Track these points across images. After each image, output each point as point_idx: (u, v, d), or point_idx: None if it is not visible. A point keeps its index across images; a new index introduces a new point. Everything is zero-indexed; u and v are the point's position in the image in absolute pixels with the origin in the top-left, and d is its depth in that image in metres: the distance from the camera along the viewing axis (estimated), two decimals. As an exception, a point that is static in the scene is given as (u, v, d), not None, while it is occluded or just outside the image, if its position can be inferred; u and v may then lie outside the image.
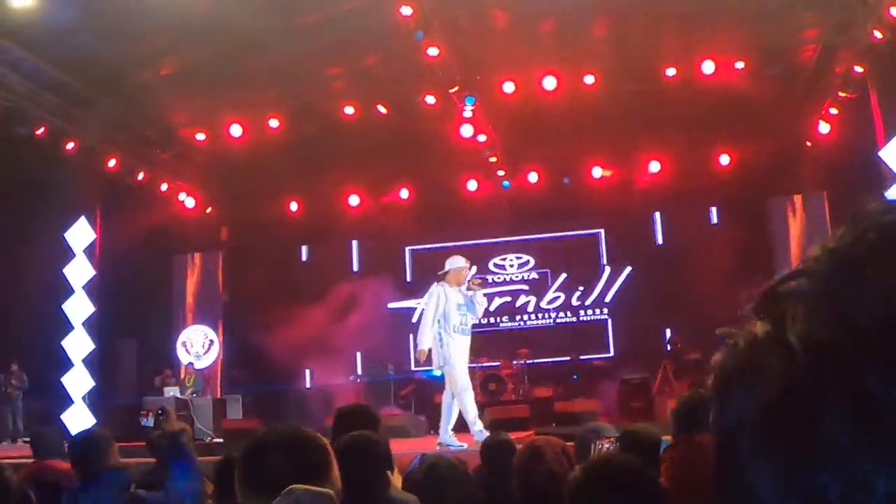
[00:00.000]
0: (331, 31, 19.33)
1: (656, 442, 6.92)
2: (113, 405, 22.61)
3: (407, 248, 27.03)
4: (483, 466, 7.49)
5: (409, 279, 26.93)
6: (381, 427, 6.50)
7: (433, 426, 22.03)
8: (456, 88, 20.88)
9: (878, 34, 18.07)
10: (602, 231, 26.30)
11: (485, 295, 15.39)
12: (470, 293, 14.71)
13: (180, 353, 25.70)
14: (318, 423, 21.15)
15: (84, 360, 22.30)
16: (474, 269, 15.47)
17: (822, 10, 19.29)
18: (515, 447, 7.06)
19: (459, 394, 14.82)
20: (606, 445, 7.35)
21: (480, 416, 16.85)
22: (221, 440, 18.33)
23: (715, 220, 25.42)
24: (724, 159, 24.08)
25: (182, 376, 24.04)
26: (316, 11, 18.95)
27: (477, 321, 15.33)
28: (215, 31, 19.02)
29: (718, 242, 24.51)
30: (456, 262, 15.04)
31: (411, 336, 24.81)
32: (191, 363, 24.92)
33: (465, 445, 14.12)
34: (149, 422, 7.50)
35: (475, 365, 22.29)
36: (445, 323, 14.75)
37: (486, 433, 13.77)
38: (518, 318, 25.59)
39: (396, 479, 5.91)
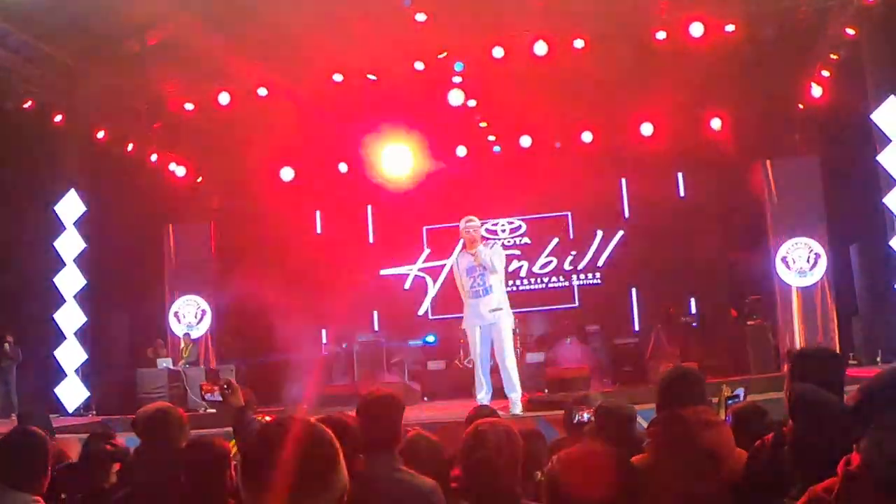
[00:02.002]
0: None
1: (631, 416, 6.91)
2: (107, 379, 22.62)
3: (409, 219, 26.87)
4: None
5: (408, 247, 26.94)
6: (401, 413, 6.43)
7: (426, 393, 22.12)
8: (445, 54, 20.80)
9: (870, -4, 18.01)
10: (589, 199, 26.18)
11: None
12: (473, 252, 14.57)
13: (173, 323, 25.67)
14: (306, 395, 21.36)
15: (76, 333, 22.28)
16: (479, 224, 15.12)
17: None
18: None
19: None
20: (586, 415, 7.34)
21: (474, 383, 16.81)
22: (214, 411, 18.25)
23: (706, 184, 25.26)
24: (716, 123, 23.97)
25: (180, 346, 24.07)
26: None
27: (502, 277, 15.01)
28: (201, 1, 18.96)
29: (709, 207, 24.52)
30: (461, 224, 14.92)
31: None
32: (187, 333, 24.92)
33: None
34: (215, 396, 7.43)
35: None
36: (463, 288, 14.76)
37: (481, 401, 13.79)
38: (511, 283, 25.53)
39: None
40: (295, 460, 3.12)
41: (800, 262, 22.81)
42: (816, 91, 22.33)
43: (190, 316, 25.80)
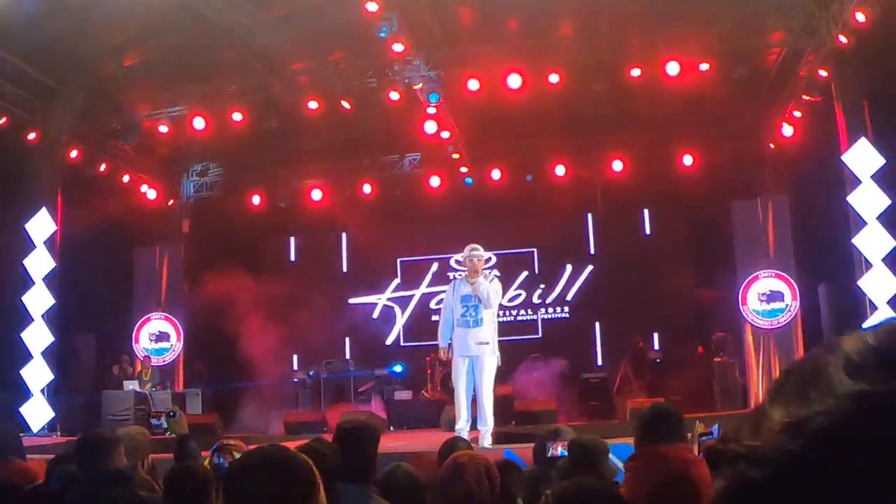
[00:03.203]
0: (296, 26, 19.39)
1: (604, 450, 6.95)
2: (73, 401, 22.49)
3: (378, 249, 26.91)
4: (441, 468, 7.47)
5: (378, 277, 27.01)
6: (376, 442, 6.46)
7: (392, 422, 22.12)
8: (420, 85, 20.88)
9: (843, 39, 18.14)
10: (588, 221, 26.35)
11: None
12: (472, 283, 14.55)
13: (137, 346, 25.58)
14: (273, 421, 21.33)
15: (43, 353, 22.14)
16: (485, 256, 15.09)
17: (788, 14, 19.38)
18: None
19: None
20: (560, 449, 7.38)
21: (440, 414, 16.82)
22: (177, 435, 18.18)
23: (675, 221, 25.43)
24: (688, 160, 24.15)
25: (138, 369, 23.94)
26: (282, 5, 18.96)
27: (495, 312, 15.00)
28: (180, 24, 19.02)
29: (677, 243, 24.68)
30: (464, 251, 14.90)
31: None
32: (147, 356, 24.82)
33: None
34: (161, 422, 7.47)
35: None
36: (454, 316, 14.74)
37: (459, 431, 13.84)
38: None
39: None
40: (272, 489, 3.16)
41: (767, 301, 22.94)
42: (787, 131, 22.51)
43: (156, 338, 25.73)
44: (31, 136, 21.70)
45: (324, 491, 3.31)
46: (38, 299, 22.16)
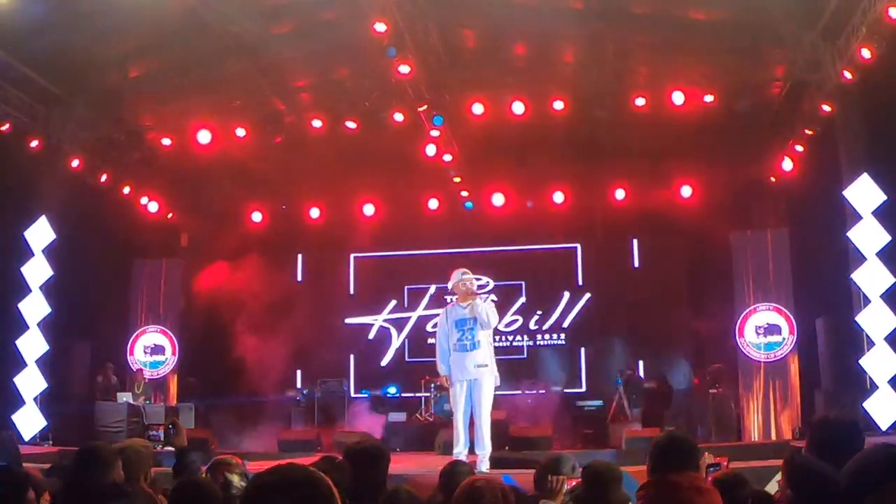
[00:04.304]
0: (304, 42, 19.41)
1: (618, 478, 6.93)
2: (65, 410, 22.40)
3: (375, 269, 27.02)
4: (440, 492, 7.44)
5: (374, 297, 26.99)
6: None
7: (386, 444, 22.03)
8: (425, 107, 20.89)
9: (847, 75, 18.17)
10: (575, 248, 26.38)
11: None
12: (468, 305, 14.51)
13: (132, 358, 25.52)
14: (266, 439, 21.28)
15: (37, 361, 22.05)
16: (471, 277, 15.05)
17: (793, 48, 19.40)
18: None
19: None
20: (564, 481, 7.35)
21: (435, 437, 16.78)
22: (171, 449, 18.14)
23: (673, 251, 25.44)
24: (687, 191, 24.19)
25: (136, 380, 23.88)
26: (290, 21, 18.97)
27: (491, 334, 14.93)
28: (187, 37, 19.03)
29: (675, 274, 24.68)
30: (454, 277, 14.87)
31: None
32: (140, 369, 24.75)
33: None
34: (158, 435, 7.45)
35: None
36: (448, 342, 14.67)
37: (458, 455, 13.82)
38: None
39: None
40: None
41: (765, 334, 22.94)
42: (788, 165, 22.55)
43: (151, 351, 25.67)
44: (34, 143, 21.63)
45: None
46: (35, 307, 22.08)
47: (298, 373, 25.62)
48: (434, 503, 7.27)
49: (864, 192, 19.09)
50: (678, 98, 20.35)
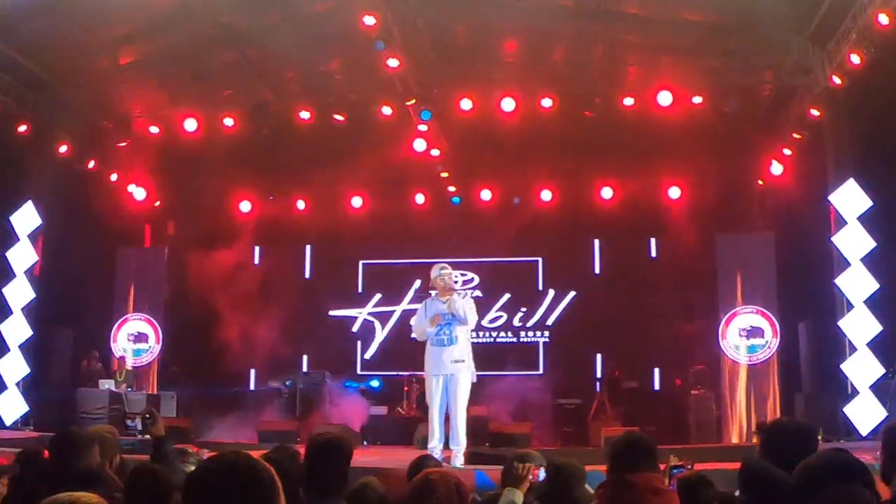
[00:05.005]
0: (293, 34, 19.33)
1: (581, 476, 6.93)
2: (47, 396, 22.36)
3: (361, 262, 27.09)
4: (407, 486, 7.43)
5: (360, 290, 27.00)
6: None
7: (366, 437, 22.07)
8: (413, 101, 20.89)
9: (836, 80, 18.19)
10: (543, 257, 26.38)
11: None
12: (446, 300, 14.49)
13: (115, 345, 25.45)
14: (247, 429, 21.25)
15: (21, 346, 22.02)
16: (454, 274, 15.10)
17: (783, 52, 19.43)
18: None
19: None
20: (540, 472, 7.35)
21: (414, 431, 16.80)
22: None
23: (659, 252, 25.48)
24: (675, 192, 24.22)
25: (115, 368, 23.80)
26: (280, 11, 18.92)
27: (468, 329, 14.96)
28: (177, 25, 19.01)
29: (662, 275, 24.69)
30: (433, 272, 14.86)
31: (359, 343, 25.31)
32: (122, 356, 24.68)
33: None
34: (136, 424, 7.44)
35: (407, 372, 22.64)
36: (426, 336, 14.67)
37: (432, 450, 13.82)
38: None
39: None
40: (233, 495, 3.14)
41: (747, 336, 22.95)
42: (777, 168, 22.59)
43: (134, 339, 25.60)
44: (23, 128, 21.58)
45: (285, 500, 3.28)
46: (19, 292, 22.07)
47: (281, 364, 25.56)
48: (399, 496, 7.27)
49: (849, 198, 19.16)
50: (666, 98, 20.36)
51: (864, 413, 18.23)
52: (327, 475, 6.04)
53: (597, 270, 26.07)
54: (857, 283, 18.96)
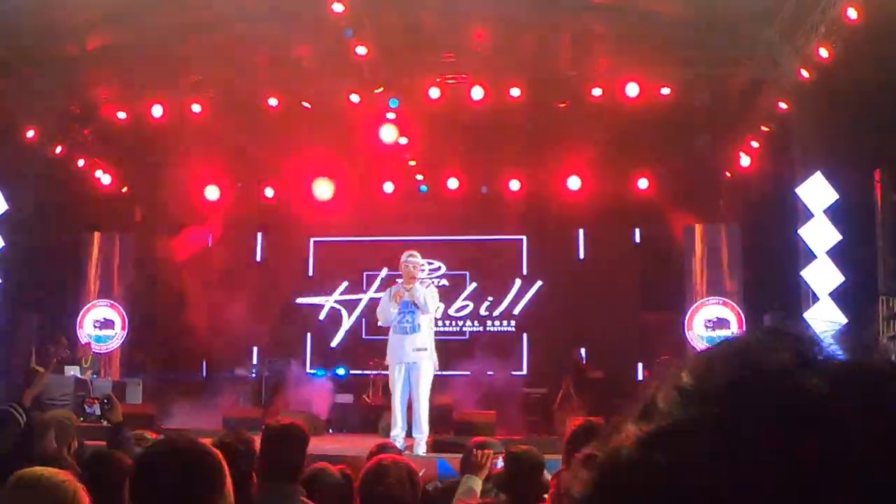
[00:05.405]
0: (262, 21, 19.26)
1: (540, 464, 6.96)
2: (11, 382, 22.26)
3: (328, 250, 27.07)
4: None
5: (326, 278, 26.98)
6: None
7: (331, 425, 22.07)
8: (381, 89, 20.88)
9: (805, 73, 18.26)
10: (510, 247, 26.40)
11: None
12: (409, 288, 14.56)
13: (81, 331, 25.35)
14: (213, 416, 21.19)
15: (-15, 332, 21.95)
16: (420, 262, 15.23)
17: (752, 44, 19.48)
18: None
19: None
20: (490, 456, 7.38)
21: (379, 419, 16.82)
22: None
23: (627, 242, 25.58)
24: (643, 183, 24.27)
25: (80, 355, 23.71)
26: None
27: (432, 318, 15.08)
28: (147, 10, 18.89)
29: (630, 265, 24.77)
30: (402, 258, 14.93)
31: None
32: (89, 343, 24.59)
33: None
34: (94, 410, 7.42)
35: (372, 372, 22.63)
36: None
37: (394, 438, 13.87)
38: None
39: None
40: (178, 479, 3.14)
41: (713, 328, 23.02)
42: (745, 161, 22.67)
43: (100, 325, 25.48)
44: (-13, 113, 21.46)
45: (233, 485, 3.29)
46: (-16, 278, 21.97)
47: (248, 351, 25.53)
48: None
49: (816, 191, 19.22)
50: (634, 90, 20.40)
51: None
52: (282, 462, 6.06)
53: (565, 260, 26.08)
54: (822, 276, 19.02)
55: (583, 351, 24.49)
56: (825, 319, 18.81)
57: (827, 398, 0.98)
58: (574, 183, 24.35)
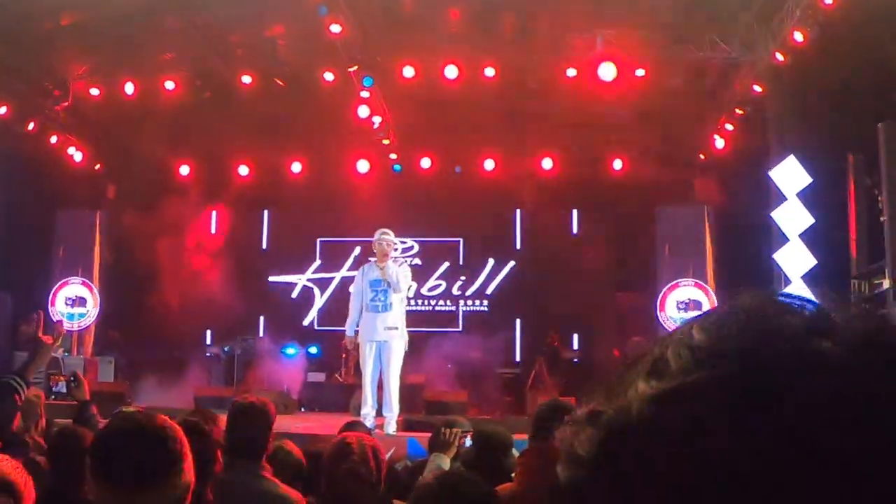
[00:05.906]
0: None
1: (508, 444, 6.97)
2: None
3: (302, 228, 27.03)
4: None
5: (300, 256, 26.99)
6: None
7: (303, 403, 22.11)
8: (355, 68, 20.82)
9: (780, 56, 18.31)
10: (483, 226, 26.34)
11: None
12: (381, 267, 14.60)
13: (53, 309, 25.26)
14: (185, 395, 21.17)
15: (-43, 311, 21.87)
16: (394, 240, 15.34)
17: (727, 27, 19.50)
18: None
19: None
20: (459, 434, 7.40)
21: (350, 399, 16.82)
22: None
23: (600, 223, 25.62)
24: (617, 164, 24.33)
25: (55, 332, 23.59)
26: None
27: (404, 297, 15.14)
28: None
29: (602, 246, 24.82)
30: (374, 236, 14.98)
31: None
32: (60, 321, 24.47)
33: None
34: (60, 388, 7.42)
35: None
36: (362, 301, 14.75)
37: (365, 416, 13.92)
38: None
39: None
40: (136, 455, 3.14)
41: (685, 309, 23.07)
42: (719, 143, 22.72)
43: (72, 303, 25.39)
44: (-42, 90, 21.36)
45: (197, 464, 3.28)
46: (-45, 256, 21.88)
47: (219, 330, 25.51)
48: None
49: (789, 174, 19.29)
50: (609, 71, 20.36)
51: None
52: (247, 439, 6.08)
53: (537, 241, 26.11)
54: (794, 259, 19.10)
55: (562, 333, 24.47)
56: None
57: (844, 361, 0.98)
58: (547, 163, 24.37)
